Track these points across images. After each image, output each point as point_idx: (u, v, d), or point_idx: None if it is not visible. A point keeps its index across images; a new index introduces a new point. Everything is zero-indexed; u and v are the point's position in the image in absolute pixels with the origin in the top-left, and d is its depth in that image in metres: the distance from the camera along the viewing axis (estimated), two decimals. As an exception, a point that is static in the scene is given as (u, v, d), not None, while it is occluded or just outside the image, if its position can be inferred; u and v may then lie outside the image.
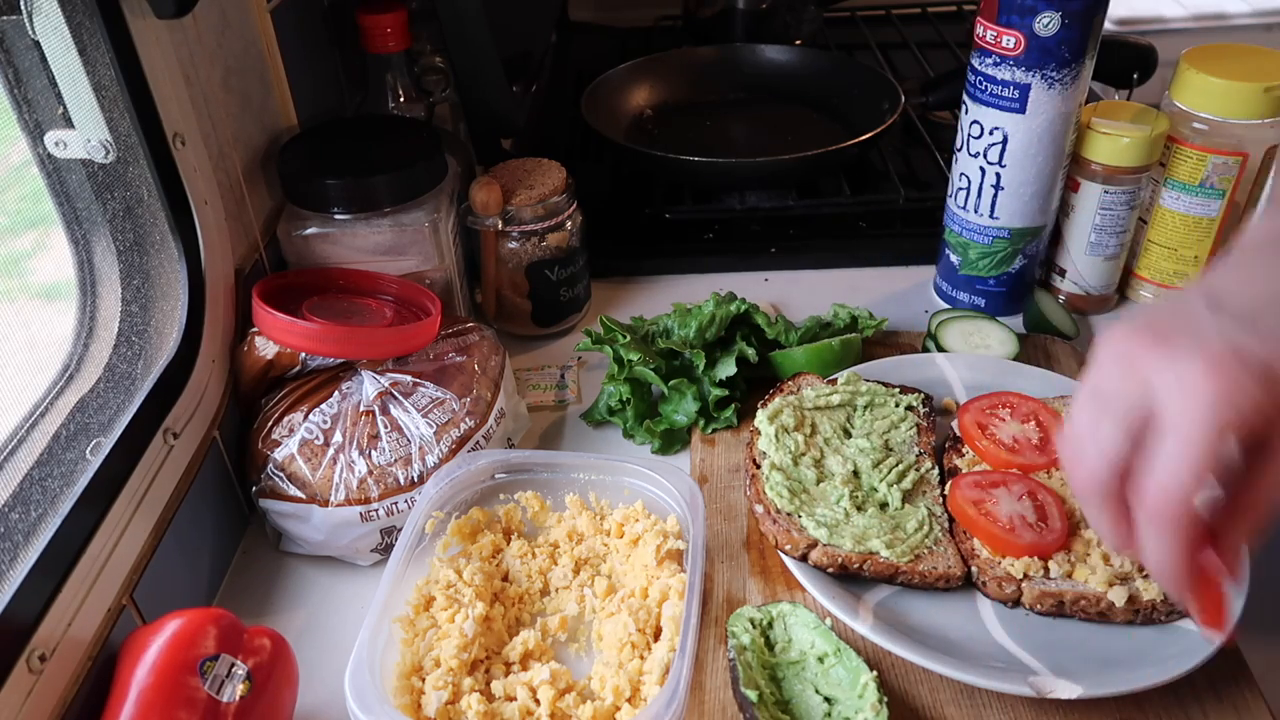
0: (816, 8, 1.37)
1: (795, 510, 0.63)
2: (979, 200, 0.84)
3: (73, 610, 0.53)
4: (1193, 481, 0.42)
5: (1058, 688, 0.53)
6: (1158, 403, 0.43)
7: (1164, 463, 0.43)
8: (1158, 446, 0.43)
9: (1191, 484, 0.42)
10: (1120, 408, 0.45)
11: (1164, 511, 0.43)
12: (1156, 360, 0.44)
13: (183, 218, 0.66)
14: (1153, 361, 0.44)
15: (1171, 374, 0.43)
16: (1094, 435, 0.45)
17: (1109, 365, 0.46)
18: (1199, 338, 0.44)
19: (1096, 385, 0.47)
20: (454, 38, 0.88)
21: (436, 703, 0.56)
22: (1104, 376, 0.46)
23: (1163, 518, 0.43)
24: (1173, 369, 0.43)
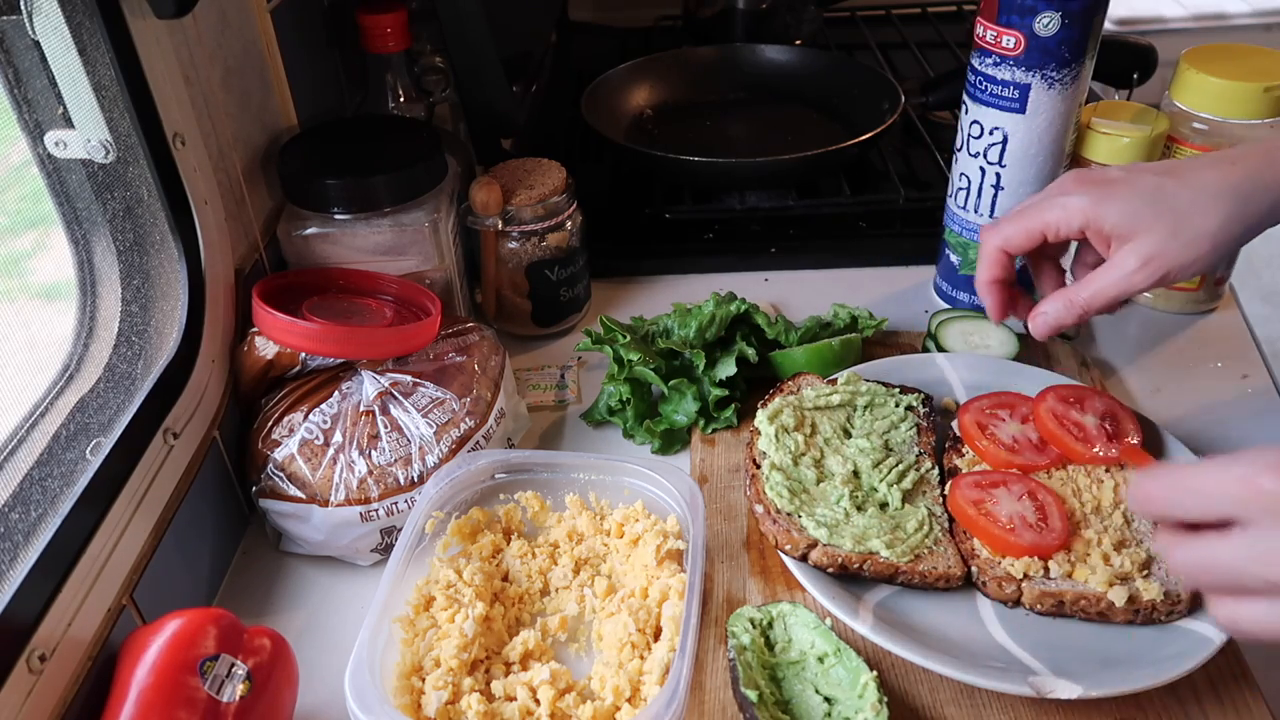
0: (816, 8, 1.37)
1: (795, 510, 0.63)
2: (979, 200, 0.84)
3: (73, 610, 0.53)
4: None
5: (1058, 688, 0.53)
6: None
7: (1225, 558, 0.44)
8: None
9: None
10: (1218, 508, 0.44)
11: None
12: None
13: (183, 218, 0.66)
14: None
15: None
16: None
17: (1248, 491, 0.43)
18: None
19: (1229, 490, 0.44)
20: (454, 38, 0.88)
21: (436, 703, 0.56)
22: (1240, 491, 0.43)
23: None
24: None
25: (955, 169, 0.86)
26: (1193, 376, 0.83)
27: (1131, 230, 0.62)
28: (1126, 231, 0.62)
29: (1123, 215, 0.62)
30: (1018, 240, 0.67)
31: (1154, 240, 0.61)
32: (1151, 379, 0.83)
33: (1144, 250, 0.62)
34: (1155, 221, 0.61)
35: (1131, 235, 0.62)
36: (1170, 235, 0.61)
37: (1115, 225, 0.63)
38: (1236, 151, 0.64)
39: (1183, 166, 0.64)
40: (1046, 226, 0.65)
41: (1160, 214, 0.62)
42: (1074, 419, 0.68)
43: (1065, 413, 0.68)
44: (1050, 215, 0.65)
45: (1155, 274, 0.62)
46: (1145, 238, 0.62)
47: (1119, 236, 0.63)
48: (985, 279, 0.70)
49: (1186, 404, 0.79)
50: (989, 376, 0.76)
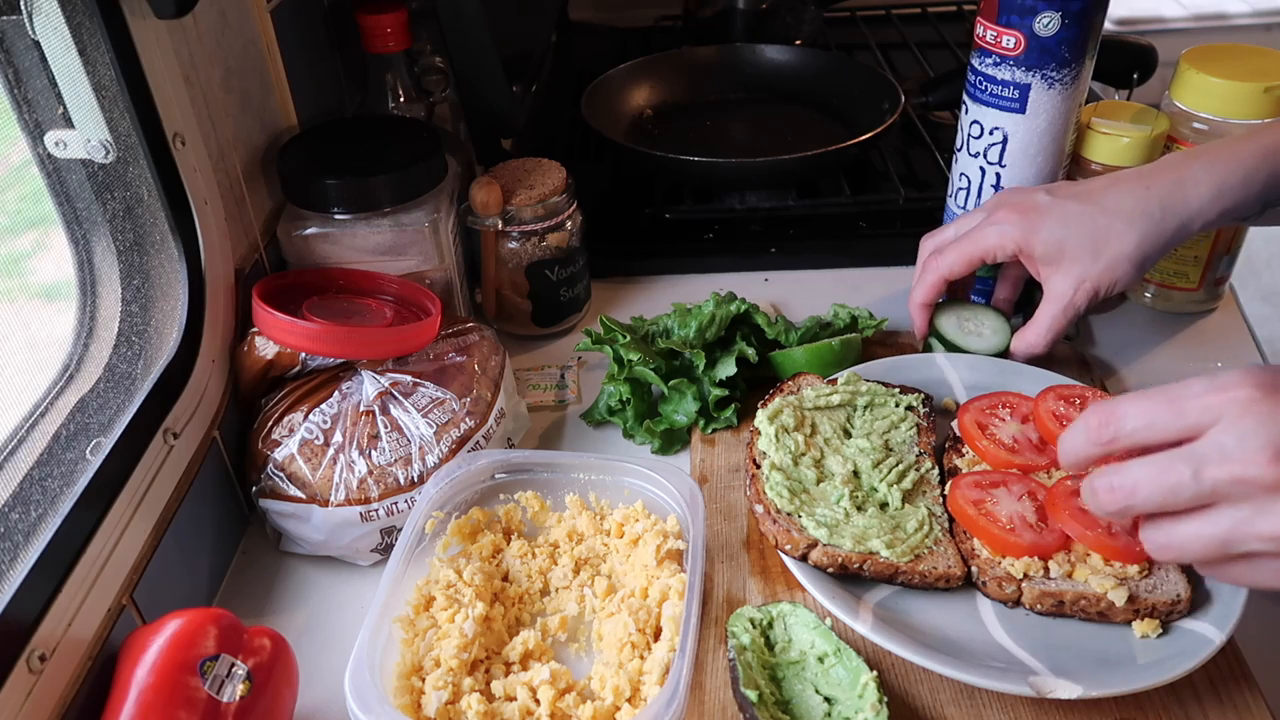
0: (816, 8, 1.37)
1: (795, 510, 0.63)
2: (979, 200, 0.84)
3: (73, 610, 0.53)
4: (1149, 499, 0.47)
5: (1058, 688, 0.53)
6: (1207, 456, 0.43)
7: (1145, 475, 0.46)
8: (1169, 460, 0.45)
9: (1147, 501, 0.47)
10: (1174, 426, 0.45)
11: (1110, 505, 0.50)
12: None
13: (183, 218, 0.66)
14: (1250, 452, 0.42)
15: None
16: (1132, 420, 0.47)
17: (1214, 398, 0.44)
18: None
19: (1184, 400, 0.45)
20: (454, 38, 0.88)
21: (436, 703, 0.56)
22: (1199, 403, 0.44)
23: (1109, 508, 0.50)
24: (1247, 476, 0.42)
25: (955, 169, 0.86)
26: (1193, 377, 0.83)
27: (1058, 256, 0.70)
28: (1054, 257, 0.70)
29: (1048, 244, 0.70)
30: (959, 268, 0.74)
31: (1079, 266, 0.69)
32: (1152, 379, 0.83)
33: (1073, 275, 0.70)
34: (1078, 248, 0.69)
35: (1058, 261, 0.70)
36: (1092, 259, 0.69)
37: (1043, 253, 0.70)
38: (1150, 170, 0.71)
39: (1100, 189, 0.70)
40: (986, 252, 0.73)
41: (1082, 240, 0.69)
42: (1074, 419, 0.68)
43: (1065, 413, 0.68)
44: (988, 242, 0.72)
45: (1086, 295, 0.70)
46: (1071, 265, 0.70)
47: (1047, 262, 0.71)
48: (920, 301, 0.77)
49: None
50: (989, 376, 0.76)
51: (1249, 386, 0.42)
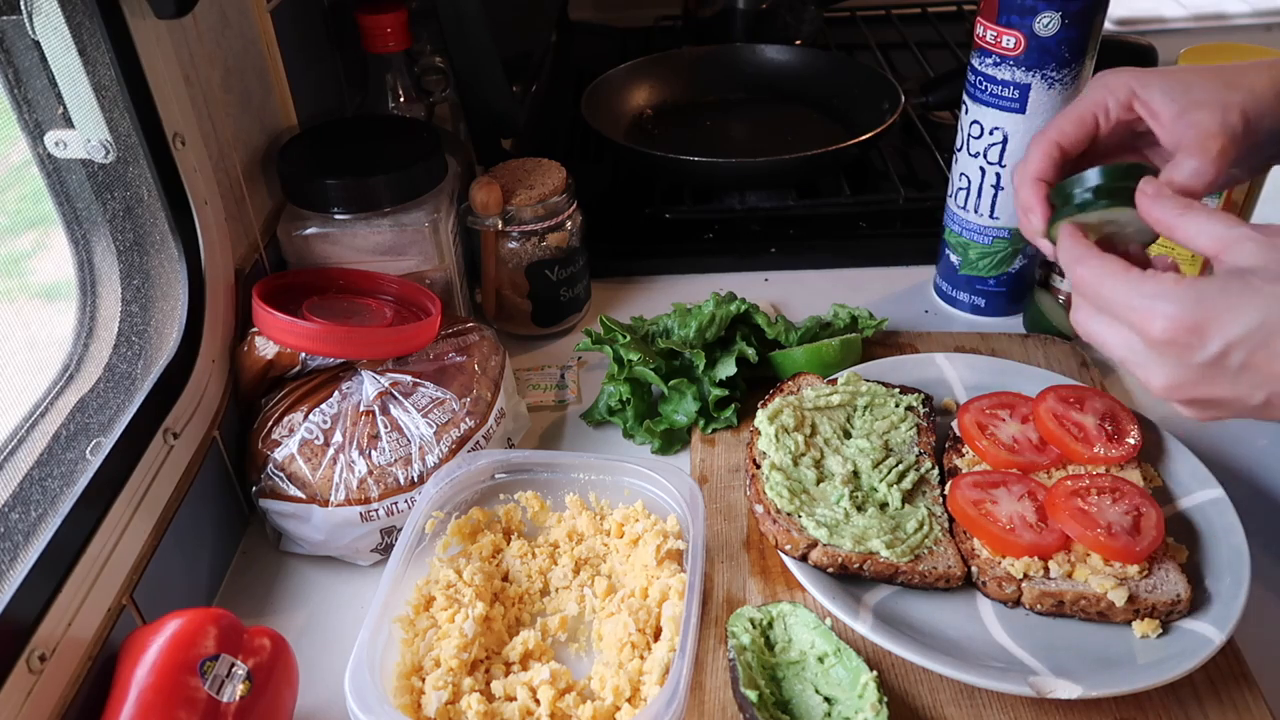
0: (816, 8, 1.37)
1: (795, 510, 0.63)
2: (979, 200, 0.84)
3: (73, 610, 0.53)
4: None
5: (1058, 688, 0.53)
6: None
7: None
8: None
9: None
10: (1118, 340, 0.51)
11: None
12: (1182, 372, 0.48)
13: (183, 218, 0.66)
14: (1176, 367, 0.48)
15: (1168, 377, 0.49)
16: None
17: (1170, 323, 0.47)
18: (1222, 408, 0.49)
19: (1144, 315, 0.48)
20: (454, 38, 0.88)
21: (436, 703, 0.56)
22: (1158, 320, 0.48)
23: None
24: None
25: (955, 169, 0.86)
26: (1193, 376, 0.83)
27: (1184, 93, 0.57)
28: (1179, 95, 0.57)
29: (1170, 80, 0.58)
30: (1070, 130, 0.60)
31: (1216, 96, 0.56)
32: (1151, 379, 0.82)
33: (1213, 104, 0.56)
34: (1206, 82, 0.57)
35: (1186, 98, 0.57)
36: (1227, 89, 0.56)
37: (1166, 90, 0.57)
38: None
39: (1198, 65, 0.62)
40: (1096, 105, 0.59)
41: (1208, 75, 0.57)
42: (1074, 419, 0.68)
43: (1065, 413, 0.68)
44: (1094, 94, 0.60)
45: (1239, 116, 0.56)
46: (1204, 98, 0.56)
47: (1173, 101, 0.57)
48: (1031, 174, 0.60)
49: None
50: (989, 376, 0.76)
51: (1164, 322, 0.47)
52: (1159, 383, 0.49)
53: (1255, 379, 0.46)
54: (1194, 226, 0.50)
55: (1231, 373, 0.46)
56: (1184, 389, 0.48)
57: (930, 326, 0.90)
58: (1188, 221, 0.50)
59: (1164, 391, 0.49)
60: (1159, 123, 0.58)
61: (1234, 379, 0.46)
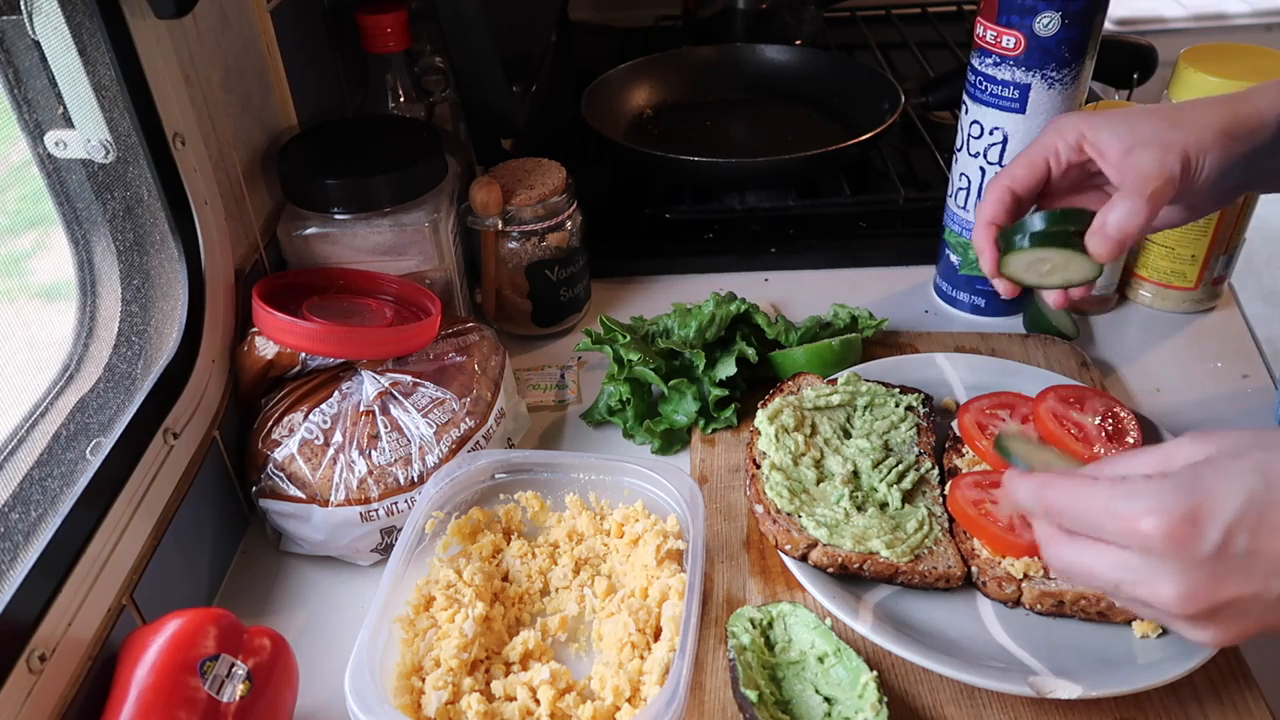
0: (816, 8, 1.37)
1: (795, 510, 0.63)
2: (979, 200, 0.84)
3: (73, 610, 0.53)
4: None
5: (1058, 688, 0.54)
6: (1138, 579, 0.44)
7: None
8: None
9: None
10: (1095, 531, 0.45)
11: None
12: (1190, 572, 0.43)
13: (183, 218, 0.66)
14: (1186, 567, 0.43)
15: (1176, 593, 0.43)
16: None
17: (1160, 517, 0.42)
18: (1245, 613, 0.43)
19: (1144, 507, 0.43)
20: (454, 38, 0.88)
21: (436, 703, 0.56)
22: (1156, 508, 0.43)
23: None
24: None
25: (955, 169, 0.86)
26: (1192, 376, 0.83)
27: (1130, 137, 0.59)
28: (1126, 138, 0.59)
29: (1117, 126, 0.60)
30: (1022, 175, 0.63)
31: (1160, 137, 0.58)
32: (1151, 379, 0.83)
33: (1156, 146, 0.58)
34: (1154, 125, 0.59)
35: (1131, 142, 0.59)
36: (1172, 128, 0.58)
37: (1111, 136, 0.59)
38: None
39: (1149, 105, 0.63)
40: (1046, 150, 0.62)
41: (1157, 118, 0.59)
42: (1074, 419, 0.68)
43: (1065, 413, 0.68)
44: (1045, 139, 0.63)
45: (1178, 158, 0.57)
46: (1149, 141, 0.58)
47: (1121, 146, 0.59)
48: (984, 219, 0.64)
49: (1186, 404, 0.80)
50: (989, 376, 0.76)
51: (1156, 518, 0.43)
52: (1170, 593, 0.43)
53: (1267, 565, 0.42)
54: (1122, 466, 0.47)
55: (1241, 562, 0.42)
56: (1198, 596, 0.42)
57: (930, 326, 0.90)
58: (1113, 467, 0.47)
59: (1179, 603, 0.43)
60: (1107, 162, 0.60)
61: (1245, 570, 0.42)
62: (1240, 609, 0.43)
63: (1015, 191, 0.63)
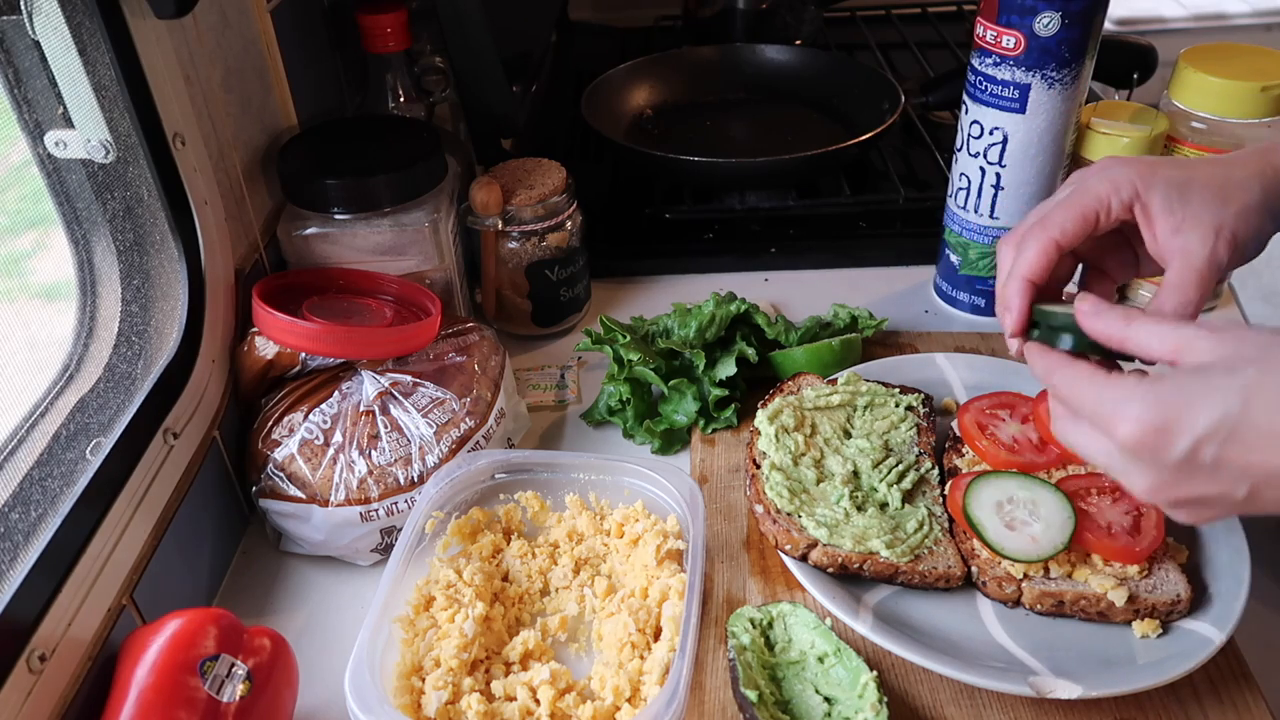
0: (816, 8, 1.37)
1: (795, 510, 0.63)
2: (979, 200, 0.84)
3: (73, 610, 0.53)
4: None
5: (1058, 688, 0.54)
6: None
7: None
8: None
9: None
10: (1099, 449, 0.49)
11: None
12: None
13: (183, 218, 0.66)
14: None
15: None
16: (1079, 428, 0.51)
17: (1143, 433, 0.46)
18: (1211, 505, 0.47)
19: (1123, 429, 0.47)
20: (454, 38, 0.88)
21: (436, 703, 0.56)
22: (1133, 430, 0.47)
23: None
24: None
25: (955, 169, 0.86)
26: (1193, 376, 0.83)
27: (1183, 204, 0.56)
28: (1177, 205, 0.56)
29: (1170, 187, 0.57)
30: (1072, 227, 0.58)
31: (1210, 213, 0.56)
32: (1151, 379, 0.82)
33: (1206, 224, 0.56)
34: (1205, 193, 0.57)
35: (1183, 210, 0.56)
36: (1222, 205, 0.56)
37: (1164, 199, 0.56)
38: (1234, 155, 0.62)
39: (1197, 160, 0.61)
40: (1099, 203, 0.57)
41: (1208, 185, 0.57)
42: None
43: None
44: (1097, 189, 0.57)
45: (1227, 245, 0.56)
46: (1200, 213, 0.56)
47: (1169, 211, 0.56)
48: (1023, 273, 0.58)
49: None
50: (989, 376, 0.76)
51: (1131, 425, 0.47)
52: (1140, 486, 0.48)
53: (1232, 473, 0.45)
54: (1144, 335, 0.50)
55: (1207, 469, 0.45)
56: (1165, 490, 0.47)
57: (930, 326, 0.90)
58: (1136, 331, 0.50)
59: (1147, 494, 0.48)
60: (1151, 232, 0.58)
61: (1211, 475, 0.45)
62: (1207, 503, 0.47)
63: (1061, 245, 0.58)
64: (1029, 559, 0.59)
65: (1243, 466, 0.44)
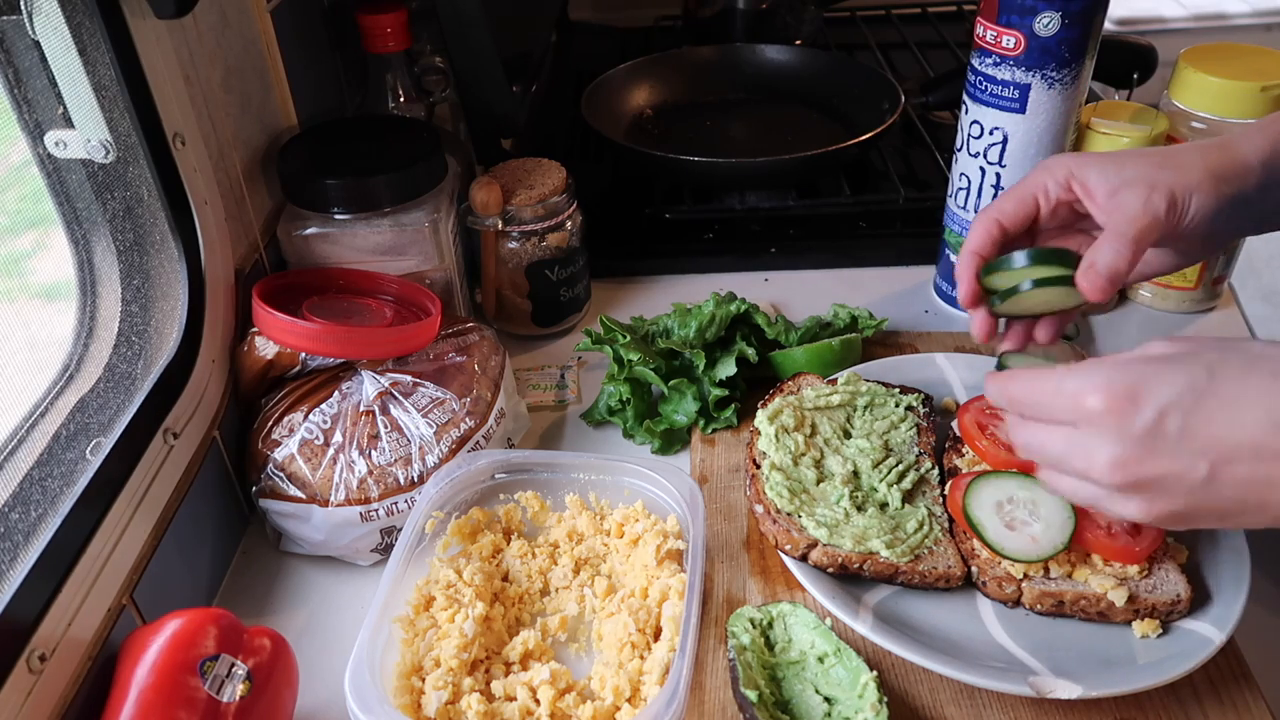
0: (816, 8, 1.37)
1: (795, 510, 0.63)
2: (979, 200, 0.84)
3: (73, 610, 0.53)
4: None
5: (1058, 688, 0.54)
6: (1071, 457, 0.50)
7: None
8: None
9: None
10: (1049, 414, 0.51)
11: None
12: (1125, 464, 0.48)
13: (183, 218, 0.66)
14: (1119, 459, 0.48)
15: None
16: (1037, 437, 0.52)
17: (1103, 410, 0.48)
18: (1170, 491, 0.48)
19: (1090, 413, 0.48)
20: (454, 38, 0.88)
21: (436, 703, 0.56)
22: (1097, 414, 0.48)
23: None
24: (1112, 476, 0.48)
25: (955, 169, 0.86)
26: (1193, 376, 0.83)
27: (1118, 175, 0.59)
28: (1113, 178, 0.59)
29: (1106, 166, 0.60)
30: (1010, 209, 0.63)
31: (1146, 176, 0.58)
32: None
33: (1142, 185, 0.58)
34: (1141, 164, 0.59)
35: (1119, 182, 0.59)
36: (1159, 169, 0.59)
37: (1100, 174, 0.60)
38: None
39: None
40: (1035, 187, 0.62)
41: (1145, 158, 0.60)
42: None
43: None
44: (1034, 177, 0.63)
45: (1164, 198, 0.58)
46: (1136, 180, 0.58)
47: (1107, 187, 0.59)
48: (969, 248, 0.64)
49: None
50: (989, 376, 0.76)
51: (1099, 394, 0.48)
52: (1102, 459, 0.48)
53: (1194, 445, 0.46)
54: (1088, 368, 0.50)
55: (1171, 441, 0.46)
56: (1128, 466, 0.47)
57: (930, 326, 0.90)
58: (1072, 370, 0.51)
59: (1110, 470, 0.48)
60: (1094, 202, 0.60)
61: (1174, 448, 0.46)
62: (1166, 486, 0.47)
63: (1003, 225, 0.63)
64: (1029, 559, 0.59)
65: (1205, 439, 0.46)
